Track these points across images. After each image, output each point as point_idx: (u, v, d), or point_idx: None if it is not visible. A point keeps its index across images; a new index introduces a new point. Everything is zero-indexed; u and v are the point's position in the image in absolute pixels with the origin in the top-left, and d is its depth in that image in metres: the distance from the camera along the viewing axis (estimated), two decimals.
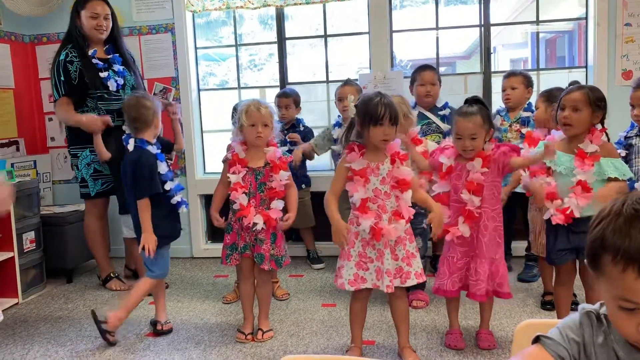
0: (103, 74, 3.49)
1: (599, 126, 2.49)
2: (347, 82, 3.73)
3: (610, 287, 0.87)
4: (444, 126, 3.50)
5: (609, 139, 2.52)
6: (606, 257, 0.86)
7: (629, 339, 0.91)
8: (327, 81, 4.45)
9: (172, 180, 2.91)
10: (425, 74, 3.62)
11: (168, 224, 2.92)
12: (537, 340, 1.00)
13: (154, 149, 2.87)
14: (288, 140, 3.77)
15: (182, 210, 2.99)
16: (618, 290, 0.86)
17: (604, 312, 0.97)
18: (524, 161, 2.51)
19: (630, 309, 0.85)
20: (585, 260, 0.94)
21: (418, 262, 2.47)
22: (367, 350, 2.63)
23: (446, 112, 3.60)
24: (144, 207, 2.80)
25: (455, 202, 2.56)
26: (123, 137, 2.96)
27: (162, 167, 2.87)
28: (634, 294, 0.83)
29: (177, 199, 2.92)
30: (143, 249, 2.78)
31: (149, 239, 2.78)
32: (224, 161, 2.84)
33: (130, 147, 2.86)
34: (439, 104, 3.67)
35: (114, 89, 3.51)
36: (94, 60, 3.51)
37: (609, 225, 0.86)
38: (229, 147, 2.92)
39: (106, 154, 3.43)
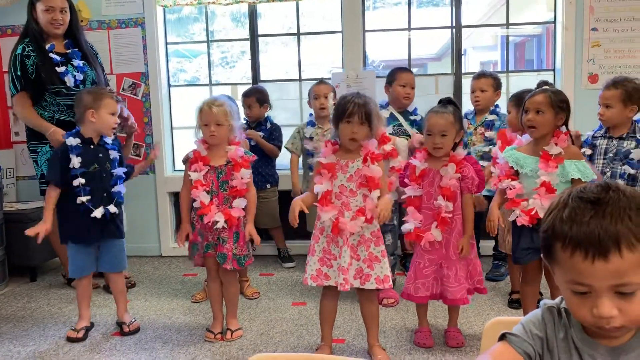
0: (60, 69, 3.39)
1: (564, 129, 2.55)
2: (321, 81, 3.72)
3: (562, 273, 0.92)
4: (412, 131, 3.47)
5: (573, 142, 2.57)
6: (557, 244, 0.91)
7: (585, 324, 0.95)
8: (300, 79, 4.44)
9: (82, 176, 2.75)
10: (406, 75, 3.56)
11: (73, 224, 2.80)
12: (502, 337, 1.02)
13: (71, 140, 2.78)
14: (246, 137, 3.74)
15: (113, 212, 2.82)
16: (569, 275, 0.90)
17: (564, 307, 1.00)
18: (470, 212, 2.56)
19: (583, 293, 0.90)
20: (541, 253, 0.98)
21: (382, 267, 2.44)
22: (337, 349, 2.63)
23: (417, 117, 3.58)
24: (48, 194, 2.76)
25: (427, 209, 2.58)
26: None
27: (74, 162, 2.75)
28: (583, 276, 0.88)
29: (82, 199, 2.74)
30: (63, 241, 2.86)
31: (41, 226, 2.70)
32: (184, 161, 2.81)
33: None
34: (410, 109, 3.68)
35: (72, 85, 3.41)
36: (51, 55, 3.40)
37: (557, 215, 0.92)
38: None
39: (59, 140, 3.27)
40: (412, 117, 3.60)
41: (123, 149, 3.17)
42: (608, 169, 2.91)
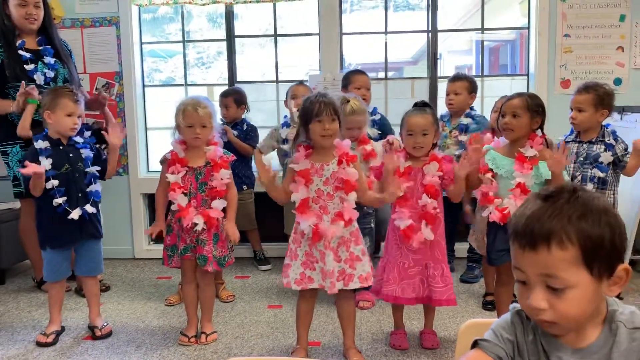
0: (29, 67, 3.32)
1: (539, 132, 2.59)
2: (301, 83, 3.72)
3: (513, 261, 0.98)
4: (372, 131, 3.44)
5: (548, 145, 2.62)
6: (510, 236, 0.99)
7: (527, 313, 1.00)
8: (277, 81, 4.42)
9: (55, 178, 2.70)
10: (360, 77, 3.55)
11: (52, 227, 2.75)
12: (475, 345, 1.04)
13: (39, 144, 2.72)
14: (222, 131, 3.71)
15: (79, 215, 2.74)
16: (514, 262, 0.98)
17: None
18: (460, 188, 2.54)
19: (523, 282, 0.96)
20: None
21: (364, 266, 2.44)
22: (312, 352, 2.62)
23: (376, 117, 3.58)
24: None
25: (412, 208, 2.56)
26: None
27: (44, 164, 2.69)
28: (518, 263, 0.96)
29: (58, 201, 2.69)
30: (41, 246, 2.80)
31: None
32: (161, 162, 2.76)
33: None
34: (369, 109, 3.67)
35: (42, 82, 3.33)
36: (20, 52, 3.33)
37: (517, 210, 1.00)
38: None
39: (26, 130, 3.07)
40: (371, 118, 3.60)
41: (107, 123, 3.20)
42: (579, 173, 2.97)
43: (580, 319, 0.95)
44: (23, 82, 3.17)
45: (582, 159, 2.98)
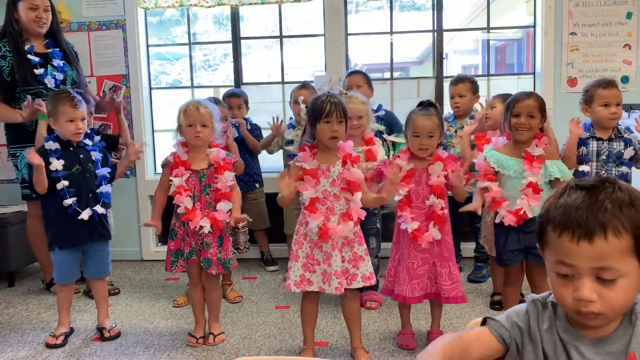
0: (38, 71, 3.35)
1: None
2: (303, 85, 3.72)
3: (551, 255, 0.97)
4: (376, 126, 3.40)
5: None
6: (549, 228, 0.97)
7: (565, 308, 0.98)
8: (282, 82, 4.43)
9: (65, 179, 2.72)
10: (357, 77, 3.54)
11: (60, 227, 2.76)
12: (484, 322, 1.08)
13: (50, 145, 2.72)
14: (235, 124, 3.73)
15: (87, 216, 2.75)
16: (556, 255, 0.95)
17: (551, 300, 1.04)
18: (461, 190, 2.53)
19: (566, 276, 0.94)
20: (536, 242, 1.03)
21: (366, 265, 2.45)
22: (320, 352, 2.62)
23: (381, 113, 3.55)
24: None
25: (417, 209, 2.56)
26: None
27: (54, 164, 2.70)
28: (568, 256, 0.93)
29: (68, 202, 2.70)
30: (50, 247, 2.81)
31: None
32: (163, 165, 2.76)
33: None
34: (374, 107, 3.66)
35: (52, 86, 3.37)
36: (29, 57, 3.36)
37: (553, 202, 0.99)
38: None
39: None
40: (375, 114, 3.59)
41: (120, 131, 3.32)
42: (603, 171, 2.95)
43: (626, 308, 0.95)
44: (29, 96, 3.19)
45: (604, 157, 2.96)
